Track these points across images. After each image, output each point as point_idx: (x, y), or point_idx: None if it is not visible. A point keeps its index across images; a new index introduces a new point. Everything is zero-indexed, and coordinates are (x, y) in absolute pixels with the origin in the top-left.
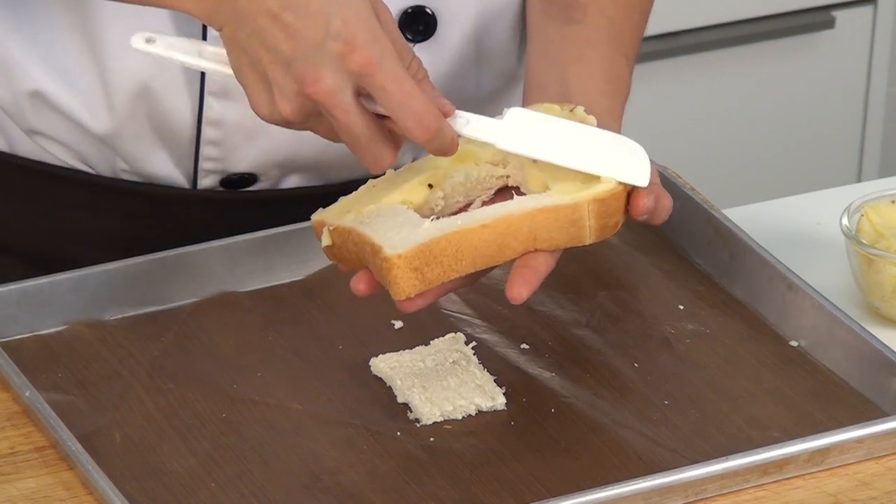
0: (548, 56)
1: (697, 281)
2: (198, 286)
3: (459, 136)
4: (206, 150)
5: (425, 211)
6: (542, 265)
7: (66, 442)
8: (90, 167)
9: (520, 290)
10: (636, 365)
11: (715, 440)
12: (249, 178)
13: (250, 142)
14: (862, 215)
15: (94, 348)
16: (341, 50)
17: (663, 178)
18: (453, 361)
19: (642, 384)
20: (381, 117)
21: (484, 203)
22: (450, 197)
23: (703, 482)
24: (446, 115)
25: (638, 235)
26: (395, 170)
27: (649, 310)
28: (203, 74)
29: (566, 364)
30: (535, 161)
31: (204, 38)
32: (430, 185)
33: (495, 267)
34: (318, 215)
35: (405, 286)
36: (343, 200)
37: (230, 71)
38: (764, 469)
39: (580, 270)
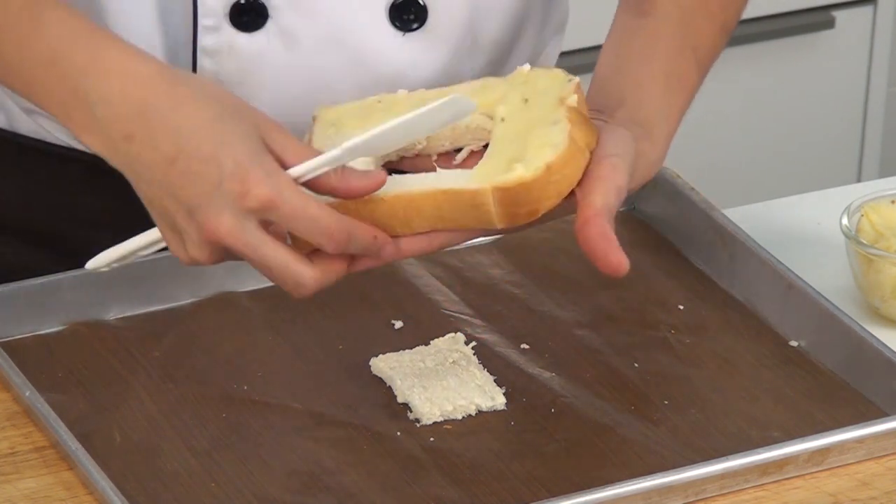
0: (615, 51)
1: (697, 281)
2: (198, 286)
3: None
4: None
5: (395, 158)
6: (608, 225)
7: (66, 442)
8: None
9: (619, 258)
10: (636, 365)
11: (715, 440)
12: None
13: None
14: (862, 215)
15: (94, 348)
16: (238, 191)
17: (664, 179)
18: (453, 361)
19: (642, 384)
20: None
21: (472, 152)
22: (433, 139)
23: (703, 482)
24: (376, 186)
25: (638, 235)
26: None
27: (649, 310)
28: (194, 67)
29: (566, 364)
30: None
31: (194, 69)
32: None
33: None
34: (319, 110)
35: None
36: (346, 106)
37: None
38: (764, 469)
39: (580, 270)
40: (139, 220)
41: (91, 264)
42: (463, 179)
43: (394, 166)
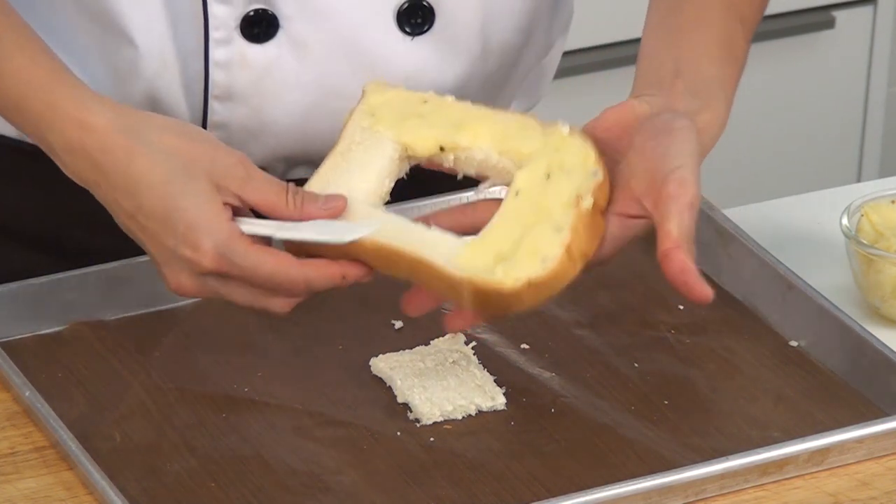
0: (662, 25)
1: None
2: None
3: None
4: None
5: (424, 161)
6: (688, 259)
7: (66, 442)
8: None
9: (702, 289)
10: (636, 365)
11: (715, 440)
12: None
13: (256, 140)
14: (862, 215)
15: (94, 348)
16: (191, 257)
17: None
18: (453, 361)
19: (642, 384)
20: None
21: (487, 201)
22: (460, 162)
23: (703, 482)
24: (333, 214)
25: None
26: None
27: (649, 310)
28: (206, 79)
29: (566, 364)
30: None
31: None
32: (442, 149)
33: None
34: (368, 87)
35: None
36: (393, 93)
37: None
38: (764, 469)
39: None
40: None
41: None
42: (445, 254)
43: (418, 164)
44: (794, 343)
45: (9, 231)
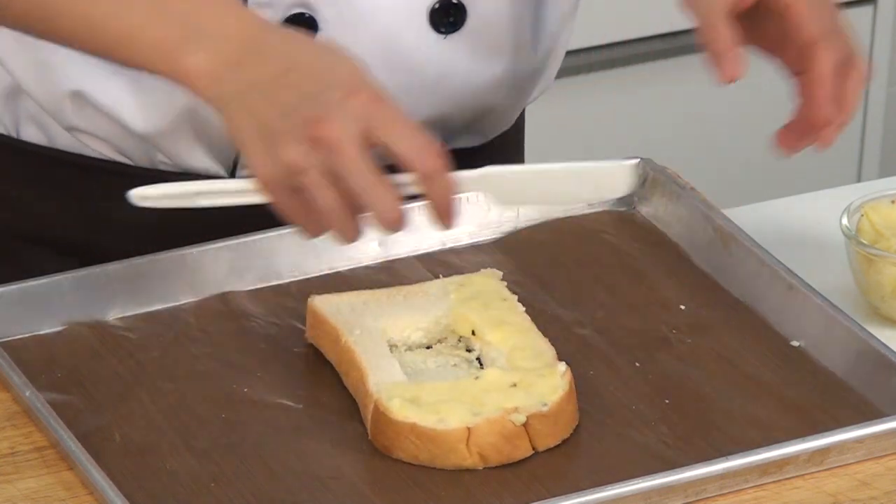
0: None
1: (698, 280)
2: (198, 286)
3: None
4: None
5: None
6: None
7: (66, 442)
8: (129, 159)
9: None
10: (636, 365)
11: (715, 440)
12: None
13: None
14: (862, 215)
15: (94, 348)
16: (349, 90)
17: (664, 179)
18: (454, 364)
19: (642, 384)
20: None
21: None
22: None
23: (703, 482)
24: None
25: (638, 235)
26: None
27: (650, 310)
28: None
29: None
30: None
31: None
32: (429, 347)
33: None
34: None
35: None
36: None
37: (237, 200)
38: (764, 469)
39: (580, 270)
40: (175, 231)
41: (136, 192)
42: (380, 378)
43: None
44: (794, 343)
45: (39, 237)
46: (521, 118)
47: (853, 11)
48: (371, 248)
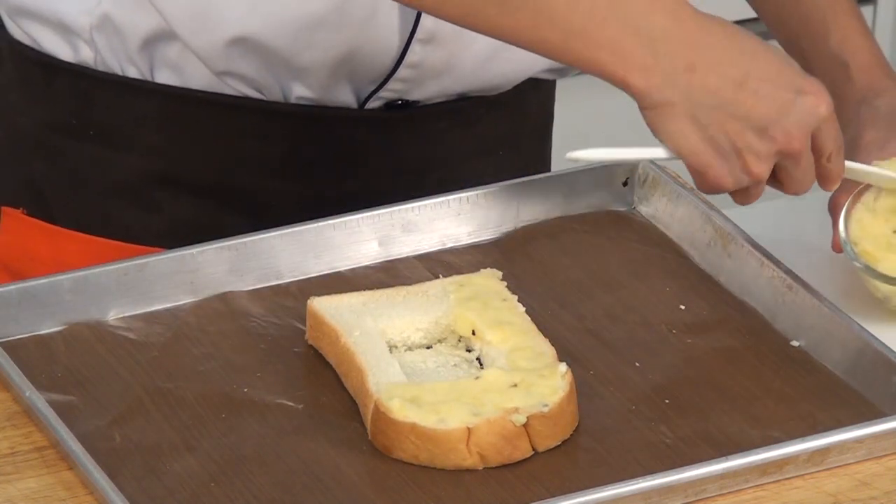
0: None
1: (697, 281)
2: (198, 286)
3: None
4: (391, 84)
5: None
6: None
7: (66, 442)
8: (262, 95)
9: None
10: (637, 365)
11: (715, 440)
12: (413, 102)
13: (436, 79)
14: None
15: (94, 348)
16: (813, 102)
17: (664, 179)
18: (454, 365)
19: (642, 384)
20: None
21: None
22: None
23: (703, 482)
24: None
25: (638, 235)
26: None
27: (650, 310)
28: (416, 22)
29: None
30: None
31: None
32: (429, 347)
33: None
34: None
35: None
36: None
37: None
38: (764, 469)
39: (580, 270)
40: (306, 166)
41: (573, 154)
42: (379, 378)
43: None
44: (794, 343)
45: (174, 180)
46: (552, 98)
47: None
48: (371, 248)
